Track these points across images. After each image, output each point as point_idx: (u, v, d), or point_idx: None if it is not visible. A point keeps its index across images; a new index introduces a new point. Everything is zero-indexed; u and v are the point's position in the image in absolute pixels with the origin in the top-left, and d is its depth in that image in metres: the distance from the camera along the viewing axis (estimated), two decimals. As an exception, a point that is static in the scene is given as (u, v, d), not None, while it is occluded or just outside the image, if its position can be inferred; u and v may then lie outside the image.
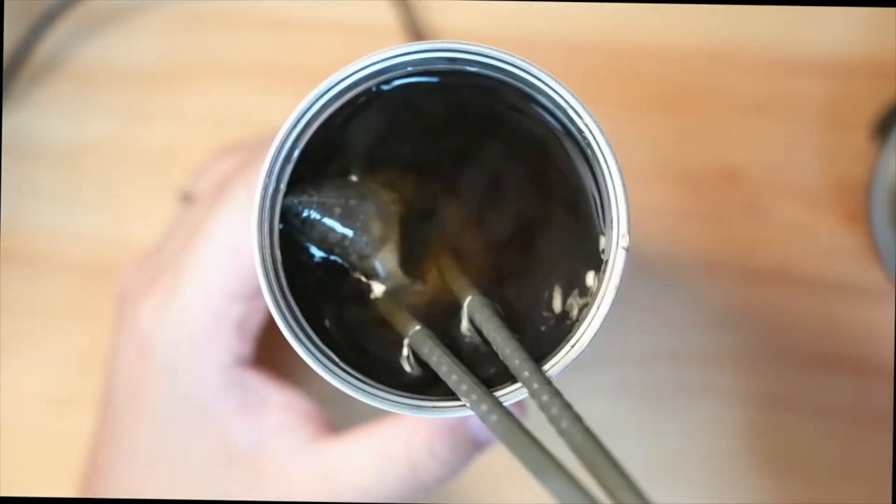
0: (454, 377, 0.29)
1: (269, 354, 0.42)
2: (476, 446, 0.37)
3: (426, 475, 0.36)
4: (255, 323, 0.40)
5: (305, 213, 0.30)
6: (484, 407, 0.28)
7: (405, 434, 0.37)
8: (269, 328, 0.41)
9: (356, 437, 0.38)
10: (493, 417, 0.28)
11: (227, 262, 0.38)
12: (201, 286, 0.37)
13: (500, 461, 0.48)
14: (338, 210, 0.30)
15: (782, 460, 0.48)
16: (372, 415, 0.34)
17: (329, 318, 0.31)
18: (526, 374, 0.28)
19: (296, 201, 0.30)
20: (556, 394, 0.28)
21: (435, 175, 0.32)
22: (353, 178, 0.31)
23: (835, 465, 0.48)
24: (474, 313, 0.30)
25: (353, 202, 0.31)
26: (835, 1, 0.49)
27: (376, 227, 0.31)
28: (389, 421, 0.38)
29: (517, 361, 0.29)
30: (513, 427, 0.27)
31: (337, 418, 0.40)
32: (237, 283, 0.38)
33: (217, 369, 0.38)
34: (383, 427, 0.37)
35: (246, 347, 0.39)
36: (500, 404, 0.28)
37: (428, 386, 0.30)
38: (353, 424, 0.39)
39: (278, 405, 0.39)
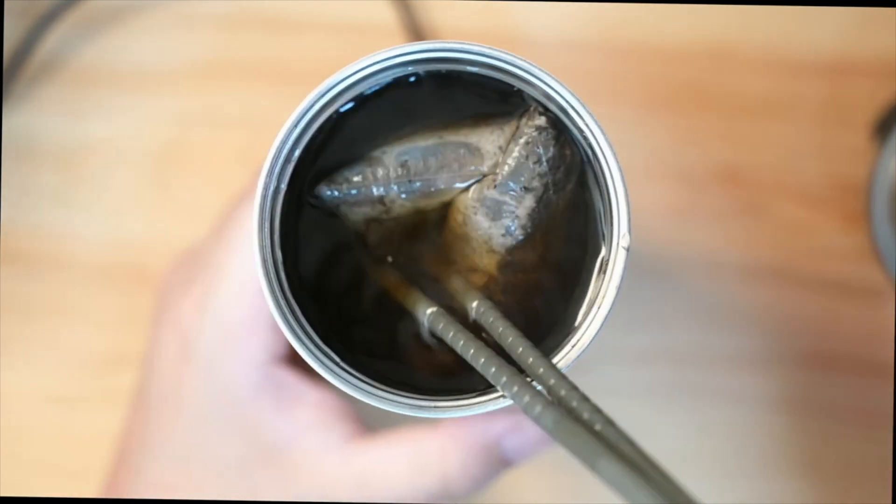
0: (483, 360, 0.29)
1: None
2: (506, 464, 0.38)
3: (456, 490, 0.37)
4: None
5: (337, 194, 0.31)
6: (527, 398, 0.28)
7: (440, 448, 0.37)
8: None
9: (390, 442, 0.38)
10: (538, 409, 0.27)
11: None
12: (237, 285, 0.38)
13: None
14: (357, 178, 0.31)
15: (782, 460, 0.48)
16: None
17: (330, 317, 0.31)
18: (541, 370, 0.28)
19: (328, 193, 0.30)
20: (573, 387, 0.28)
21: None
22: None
23: (835, 465, 0.48)
24: (479, 317, 0.30)
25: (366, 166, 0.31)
26: (835, 1, 0.49)
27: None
28: (424, 430, 0.38)
29: (531, 359, 0.29)
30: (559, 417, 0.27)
31: (368, 416, 0.40)
32: None
33: (253, 367, 0.38)
34: (418, 436, 0.38)
35: (281, 345, 0.39)
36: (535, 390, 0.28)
37: (435, 384, 0.30)
38: (383, 422, 0.39)
39: (312, 403, 0.39)
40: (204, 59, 0.50)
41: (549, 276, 0.31)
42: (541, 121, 0.30)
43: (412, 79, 0.31)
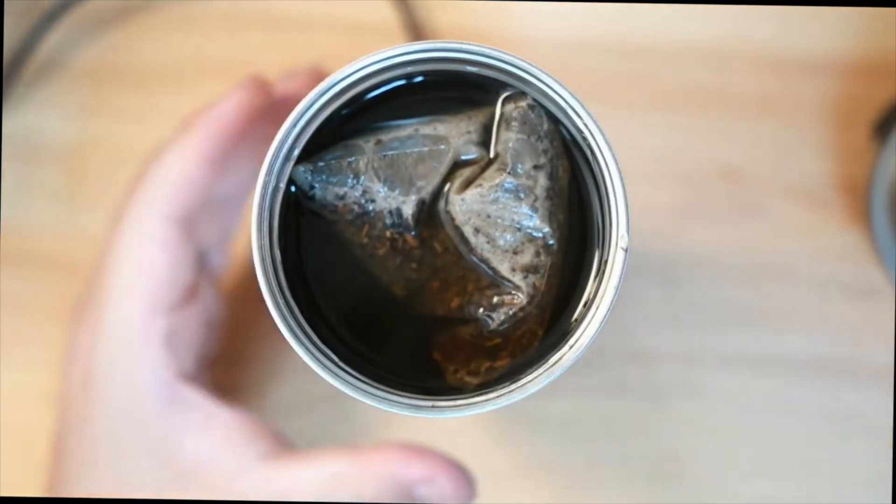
0: None
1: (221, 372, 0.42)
2: (416, 501, 0.38)
3: None
4: (188, 337, 0.39)
5: (315, 178, 0.30)
6: None
7: (359, 475, 0.37)
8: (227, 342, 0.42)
9: (308, 462, 0.38)
10: None
11: (134, 280, 0.38)
12: (123, 302, 0.37)
13: (500, 461, 0.48)
14: (341, 164, 0.31)
15: (782, 460, 0.48)
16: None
17: (329, 317, 0.31)
18: None
19: (303, 169, 0.30)
20: None
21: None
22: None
23: (835, 466, 0.48)
24: None
25: (352, 158, 0.31)
26: (835, 1, 0.49)
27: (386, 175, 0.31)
28: (344, 453, 0.38)
29: None
30: None
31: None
32: (152, 299, 0.37)
33: (156, 386, 0.37)
34: (337, 458, 0.38)
35: (184, 362, 0.39)
36: None
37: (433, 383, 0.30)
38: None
39: (224, 422, 0.38)
40: (204, 58, 0.50)
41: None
42: (528, 100, 0.30)
43: (411, 79, 0.31)
